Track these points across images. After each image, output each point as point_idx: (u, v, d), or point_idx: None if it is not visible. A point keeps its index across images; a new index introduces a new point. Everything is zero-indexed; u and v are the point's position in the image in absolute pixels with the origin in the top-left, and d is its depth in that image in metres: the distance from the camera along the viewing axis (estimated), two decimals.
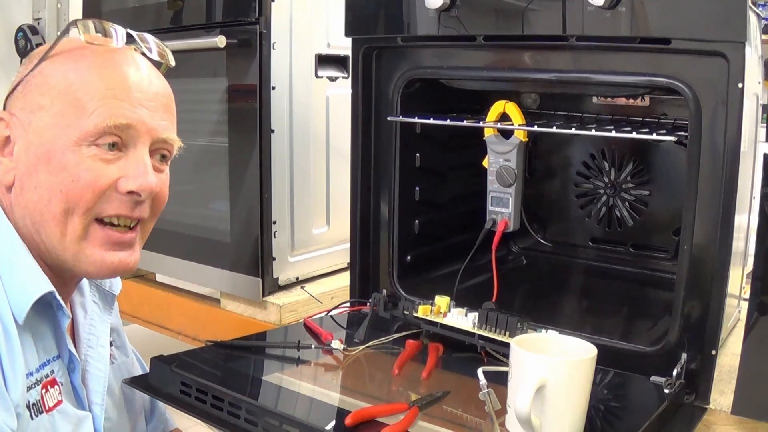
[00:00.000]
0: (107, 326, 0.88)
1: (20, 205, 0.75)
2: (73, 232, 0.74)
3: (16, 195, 0.75)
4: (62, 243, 0.74)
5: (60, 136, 0.73)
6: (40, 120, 0.73)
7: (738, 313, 1.13)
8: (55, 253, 0.75)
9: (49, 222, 0.74)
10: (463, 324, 1.02)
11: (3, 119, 0.75)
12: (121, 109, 0.73)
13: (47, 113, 0.73)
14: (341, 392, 0.98)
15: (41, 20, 2.22)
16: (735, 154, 0.87)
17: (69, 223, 0.74)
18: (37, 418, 0.72)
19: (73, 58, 0.75)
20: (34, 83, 0.75)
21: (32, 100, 0.74)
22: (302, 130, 1.42)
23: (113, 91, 0.74)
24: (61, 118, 0.73)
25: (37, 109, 0.74)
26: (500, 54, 1.07)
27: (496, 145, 1.16)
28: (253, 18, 1.31)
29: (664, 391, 0.88)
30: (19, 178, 0.74)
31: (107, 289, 0.90)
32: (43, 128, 0.73)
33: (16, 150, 0.75)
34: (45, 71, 0.75)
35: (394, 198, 1.20)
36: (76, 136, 0.72)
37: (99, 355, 0.84)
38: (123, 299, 1.61)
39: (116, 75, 0.75)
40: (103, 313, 0.88)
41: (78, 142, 0.73)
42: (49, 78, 0.74)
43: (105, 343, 0.86)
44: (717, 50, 0.85)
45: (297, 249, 1.44)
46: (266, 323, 1.36)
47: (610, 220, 1.35)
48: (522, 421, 0.73)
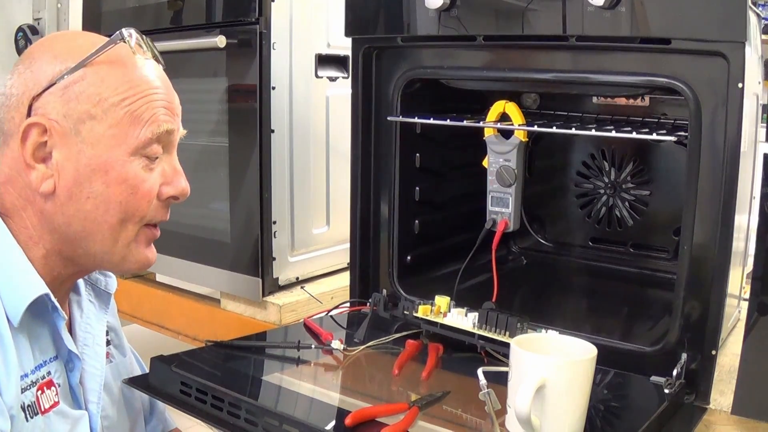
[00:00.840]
0: (103, 325, 0.88)
1: (67, 213, 0.75)
2: (126, 238, 0.78)
3: (60, 204, 0.74)
4: (114, 248, 0.77)
5: (115, 147, 0.74)
6: (92, 130, 0.73)
7: (738, 313, 1.13)
8: (101, 257, 0.78)
9: (104, 231, 0.76)
10: (463, 324, 1.02)
11: (41, 124, 0.73)
12: (169, 116, 0.78)
13: (101, 124, 0.73)
14: (341, 392, 0.98)
15: (41, 20, 2.22)
16: (735, 154, 0.87)
17: (122, 231, 0.77)
18: (32, 419, 0.72)
19: (122, 69, 0.75)
20: (78, 90, 0.73)
21: (80, 109, 0.73)
22: (302, 130, 1.42)
23: (162, 102, 0.77)
24: (118, 129, 0.74)
25: (87, 119, 0.73)
26: (500, 54, 1.07)
27: (496, 145, 1.16)
28: (253, 18, 1.31)
29: (664, 391, 0.89)
30: (65, 187, 0.74)
31: (103, 288, 0.90)
32: (98, 139, 0.73)
33: (58, 157, 0.73)
34: (91, 79, 0.74)
35: (394, 198, 1.20)
36: (132, 145, 0.75)
37: (95, 354, 0.84)
38: (123, 299, 1.62)
39: (156, 82, 0.78)
40: (99, 311, 0.88)
41: (134, 152, 0.75)
42: (98, 87, 0.74)
43: (101, 341, 0.86)
44: (717, 50, 0.85)
45: (297, 249, 1.44)
46: (266, 323, 1.36)
47: (610, 220, 1.35)
48: (522, 421, 0.73)
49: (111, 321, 0.92)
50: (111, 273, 0.91)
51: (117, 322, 0.96)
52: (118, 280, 0.93)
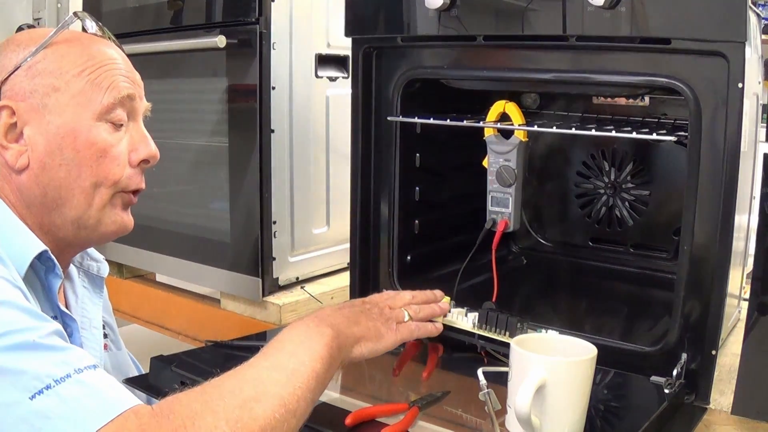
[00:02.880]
0: (99, 309, 0.91)
1: (42, 183, 0.78)
2: (100, 202, 0.80)
3: (34, 175, 0.78)
4: (88, 211, 0.80)
5: (80, 114, 0.78)
6: (58, 101, 0.77)
7: (738, 313, 1.13)
8: (77, 222, 0.80)
9: (77, 195, 0.79)
10: (463, 324, 1.02)
11: (8, 106, 0.77)
12: (129, 83, 0.82)
13: (64, 94, 0.78)
14: (341, 392, 0.98)
15: (41, 20, 2.22)
16: (735, 154, 0.87)
17: (96, 195, 0.80)
18: None
19: (80, 45, 0.80)
20: (41, 68, 0.78)
21: (44, 83, 0.77)
22: (302, 130, 1.42)
23: (121, 70, 0.81)
24: (81, 97, 0.78)
25: (52, 91, 0.77)
26: (500, 54, 1.07)
27: (496, 145, 1.16)
28: (253, 18, 1.31)
29: (664, 391, 0.88)
30: (38, 158, 0.77)
31: (95, 273, 0.93)
32: (63, 108, 0.77)
33: (29, 133, 0.77)
34: (51, 57, 0.78)
35: (394, 198, 1.20)
36: (95, 111, 0.78)
37: (93, 336, 0.87)
38: (123, 299, 1.62)
39: (115, 55, 0.82)
40: (93, 296, 0.91)
41: (98, 117, 0.78)
42: (59, 63, 0.78)
43: (98, 324, 0.89)
44: (717, 50, 0.85)
45: (297, 249, 1.44)
46: (266, 323, 1.36)
47: (610, 220, 1.35)
48: (522, 421, 0.73)
49: (107, 318, 0.94)
50: (101, 258, 0.94)
51: (112, 320, 0.98)
52: (118, 280, 0.93)
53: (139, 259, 1.60)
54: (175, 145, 1.45)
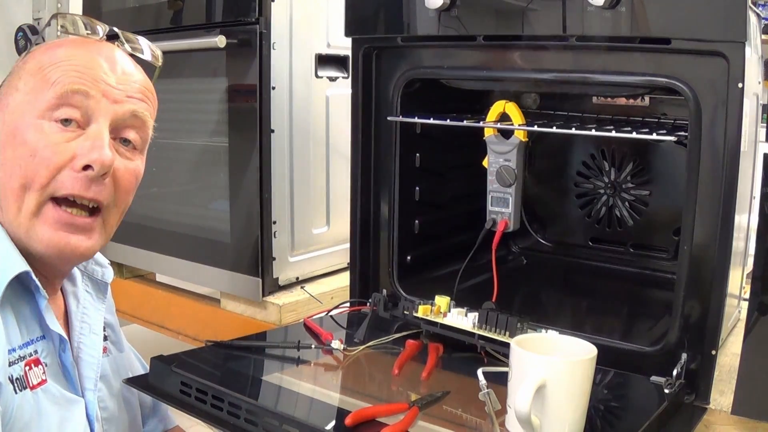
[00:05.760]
0: (101, 315, 0.89)
1: None
2: (27, 208, 0.74)
3: None
4: (17, 218, 0.75)
5: (27, 112, 0.75)
6: (14, 100, 0.76)
7: (738, 313, 1.13)
8: (11, 229, 0.75)
9: (9, 197, 0.75)
10: (463, 324, 1.02)
11: None
12: (80, 78, 0.75)
13: (20, 93, 0.76)
14: (341, 392, 0.98)
15: (41, 20, 2.22)
16: (735, 154, 0.87)
17: (25, 199, 0.74)
18: (21, 392, 0.72)
19: (51, 47, 0.78)
20: (15, 71, 0.78)
21: (10, 84, 0.78)
22: (302, 130, 1.42)
23: (77, 66, 0.75)
24: (31, 95, 0.75)
25: (13, 91, 0.77)
26: (500, 54, 1.07)
27: (496, 145, 1.16)
28: (253, 18, 1.31)
29: (664, 391, 0.88)
30: None
31: (99, 278, 0.91)
32: (15, 107, 0.76)
33: None
34: (30, 61, 0.78)
35: (394, 198, 1.20)
36: (39, 108, 0.74)
37: (92, 342, 0.85)
38: (123, 299, 1.62)
39: (85, 55, 0.77)
40: (96, 301, 0.89)
41: (41, 115, 0.74)
42: (26, 64, 0.78)
43: (98, 330, 0.87)
44: (717, 50, 0.85)
45: (297, 249, 1.44)
46: (266, 323, 1.36)
47: (610, 220, 1.35)
48: (522, 421, 0.73)
49: (108, 318, 0.93)
50: (106, 263, 0.92)
51: (115, 320, 0.97)
52: (118, 280, 0.93)
53: (139, 259, 1.60)
54: (175, 145, 1.45)
